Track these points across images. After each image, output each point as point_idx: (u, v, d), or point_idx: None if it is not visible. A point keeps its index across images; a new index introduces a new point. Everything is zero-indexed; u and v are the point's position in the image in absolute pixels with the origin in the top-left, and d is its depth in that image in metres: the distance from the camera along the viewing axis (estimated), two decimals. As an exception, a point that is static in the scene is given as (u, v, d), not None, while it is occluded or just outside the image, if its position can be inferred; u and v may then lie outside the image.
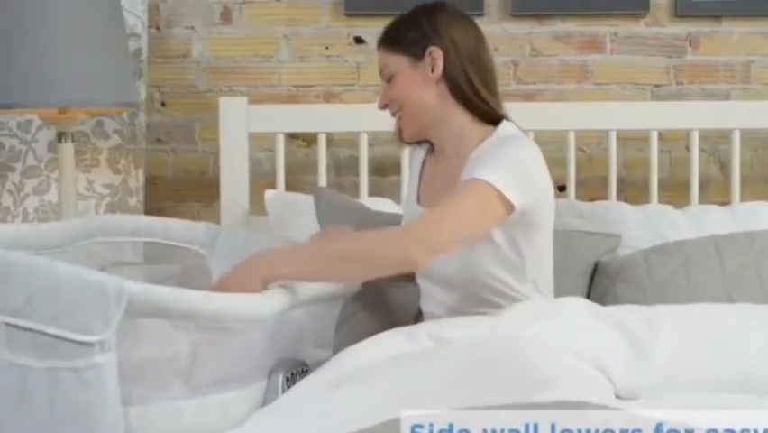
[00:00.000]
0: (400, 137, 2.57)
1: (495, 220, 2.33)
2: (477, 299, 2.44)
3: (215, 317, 2.02)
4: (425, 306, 2.57)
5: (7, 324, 1.94)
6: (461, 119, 2.48)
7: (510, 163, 2.32)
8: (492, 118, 2.49)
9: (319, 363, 2.31)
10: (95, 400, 1.90)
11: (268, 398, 2.18)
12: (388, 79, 2.51)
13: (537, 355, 2.13)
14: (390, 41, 2.51)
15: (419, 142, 2.62)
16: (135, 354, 2.04)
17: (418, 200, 2.59)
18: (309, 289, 2.28)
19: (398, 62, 2.48)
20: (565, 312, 2.39)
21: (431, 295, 2.55)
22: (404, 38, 2.48)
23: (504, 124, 2.47)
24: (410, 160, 2.70)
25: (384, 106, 2.54)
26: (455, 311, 2.46)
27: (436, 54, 2.44)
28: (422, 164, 2.63)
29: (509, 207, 2.31)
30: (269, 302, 2.13)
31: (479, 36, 2.51)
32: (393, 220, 2.74)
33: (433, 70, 2.45)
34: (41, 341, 1.91)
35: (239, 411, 2.10)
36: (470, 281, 2.44)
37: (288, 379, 2.22)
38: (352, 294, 2.54)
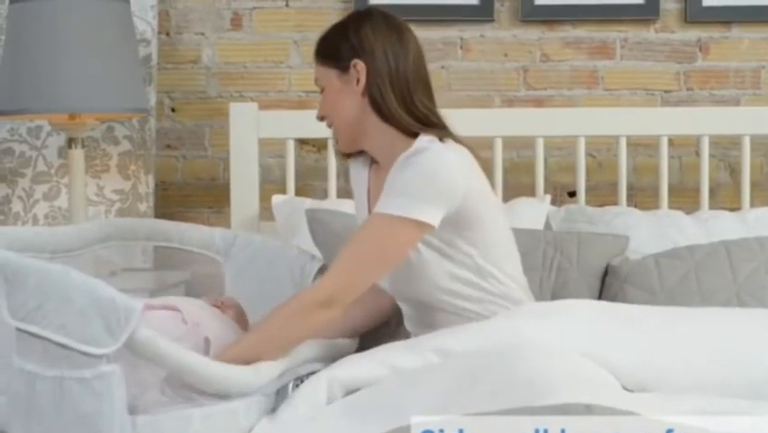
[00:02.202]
0: (338, 148, 2.58)
1: (407, 246, 2.33)
2: (444, 306, 2.44)
3: (207, 382, 2.04)
4: (407, 325, 2.58)
5: (18, 329, 1.95)
6: (384, 132, 2.45)
7: (412, 184, 2.30)
8: (413, 131, 2.44)
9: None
10: (102, 410, 1.92)
11: (277, 406, 2.18)
12: (321, 91, 2.51)
13: (538, 360, 2.13)
14: (320, 53, 2.51)
15: (360, 153, 2.61)
16: (143, 371, 2.06)
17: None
18: (302, 354, 2.30)
19: (327, 75, 2.48)
20: (570, 312, 2.39)
21: (406, 314, 2.56)
22: (332, 51, 2.48)
23: (419, 138, 2.41)
24: (353, 176, 2.68)
25: (321, 118, 2.54)
26: (429, 326, 2.45)
27: (359, 67, 2.42)
28: (368, 178, 2.62)
29: (425, 227, 2.29)
30: (261, 374, 2.14)
31: (404, 49, 2.46)
32: None
33: (357, 83, 2.44)
34: (50, 349, 1.93)
35: (247, 419, 2.10)
36: (429, 291, 2.44)
37: (296, 387, 2.23)
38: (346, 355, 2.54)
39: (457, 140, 2.43)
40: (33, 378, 1.95)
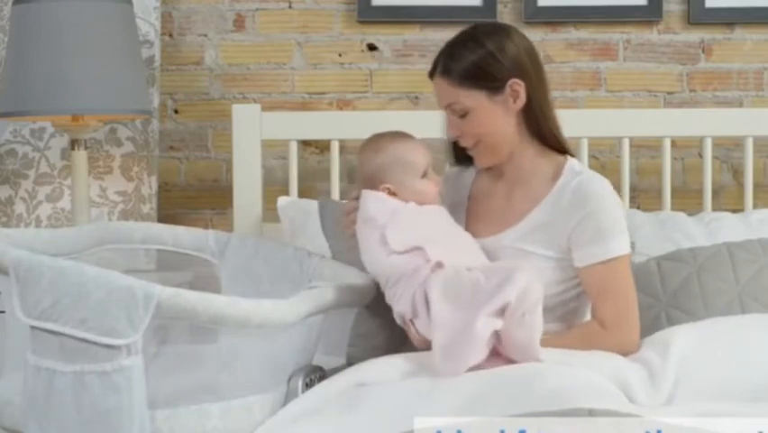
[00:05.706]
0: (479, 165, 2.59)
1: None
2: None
3: (243, 321, 2.04)
4: None
5: (33, 327, 1.96)
6: (533, 149, 2.51)
7: (617, 219, 2.43)
8: (556, 146, 2.52)
9: (335, 370, 2.33)
10: (122, 404, 1.93)
11: (288, 402, 2.20)
12: (462, 114, 2.46)
13: (554, 374, 2.14)
14: (462, 76, 2.44)
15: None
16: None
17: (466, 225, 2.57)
18: (331, 296, 2.31)
19: (474, 97, 2.44)
20: None
21: None
22: (478, 72, 2.43)
23: (569, 162, 2.51)
24: (452, 182, 2.65)
25: (456, 138, 2.52)
26: None
27: (518, 86, 2.43)
28: (471, 184, 2.62)
29: (629, 254, 2.45)
30: (295, 307, 2.16)
31: (540, 60, 2.52)
32: None
33: (515, 102, 2.44)
34: (68, 344, 1.94)
35: (262, 415, 2.13)
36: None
37: (306, 384, 2.25)
38: (367, 303, 2.54)
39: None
40: (51, 375, 1.96)
